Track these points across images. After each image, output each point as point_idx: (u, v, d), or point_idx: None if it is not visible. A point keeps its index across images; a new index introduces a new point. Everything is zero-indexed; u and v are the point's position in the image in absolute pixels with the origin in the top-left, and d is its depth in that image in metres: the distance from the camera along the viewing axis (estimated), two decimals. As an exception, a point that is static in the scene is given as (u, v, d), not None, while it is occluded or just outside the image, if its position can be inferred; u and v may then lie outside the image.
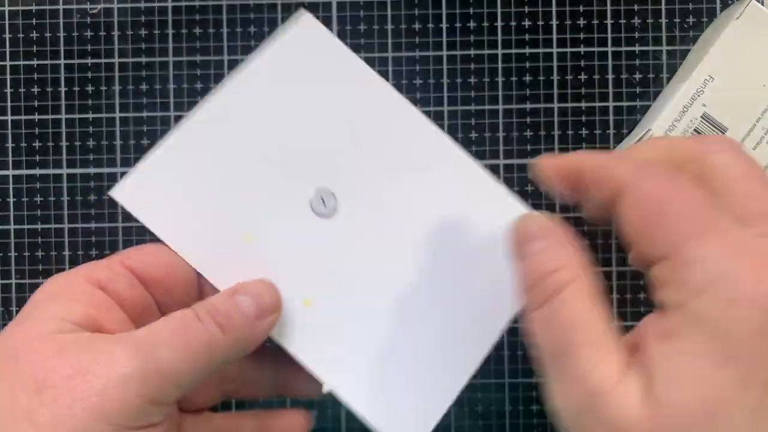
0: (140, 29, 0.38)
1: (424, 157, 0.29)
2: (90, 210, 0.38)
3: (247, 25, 0.38)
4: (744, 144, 0.33)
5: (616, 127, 0.37)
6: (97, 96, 0.38)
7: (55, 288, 0.27)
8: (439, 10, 0.37)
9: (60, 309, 0.26)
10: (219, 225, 0.29)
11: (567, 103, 0.37)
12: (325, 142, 0.29)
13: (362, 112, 0.29)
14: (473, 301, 0.29)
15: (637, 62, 0.37)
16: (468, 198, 0.29)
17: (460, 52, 0.38)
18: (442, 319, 0.29)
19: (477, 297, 0.29)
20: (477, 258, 0.29)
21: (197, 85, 0.38)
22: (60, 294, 0.27)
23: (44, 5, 0.38)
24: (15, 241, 0.38)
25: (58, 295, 0.27)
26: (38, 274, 0.38)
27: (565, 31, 0.37)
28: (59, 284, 0.27)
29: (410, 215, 0.29)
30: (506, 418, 0.37)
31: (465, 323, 0.29)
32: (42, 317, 0.25)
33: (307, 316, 0.29)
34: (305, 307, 0.29)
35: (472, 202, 0.29)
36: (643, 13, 0.37)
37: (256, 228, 0.29)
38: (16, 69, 0.38)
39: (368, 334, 0.29)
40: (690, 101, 0.33)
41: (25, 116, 0.38)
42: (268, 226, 0.29)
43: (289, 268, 0.29)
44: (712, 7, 0.37)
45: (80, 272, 0.27)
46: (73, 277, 0.27)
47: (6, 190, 0.38)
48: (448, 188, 0.29)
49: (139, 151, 0.38)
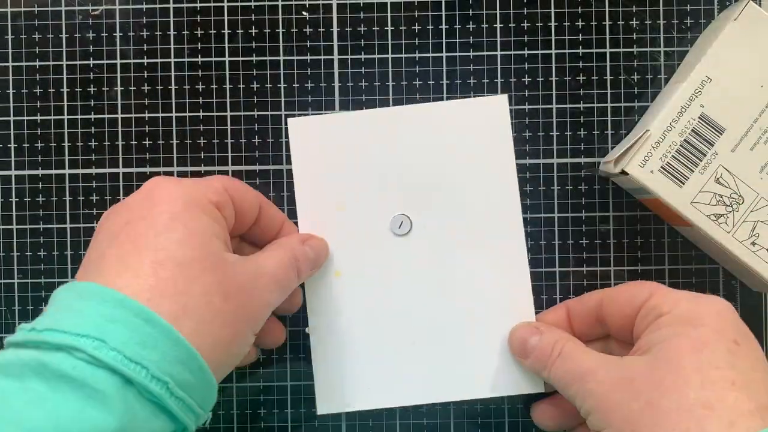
0: (142, 31, 0.38)
1: (492, 224, 0.36)
2: (92, 210, 0.38)
3: (248, 27, 0.38)
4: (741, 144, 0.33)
5: (614, 128, 0.38)
6: (99, 97, 0.38)
7: (190, 203, 0.29)
8: (439, 12, 0.38)
9: (215, 227, 0.29)
10: (324, 199, 0.37)
11: (565, 104, 0.38)
12: (412, 180, 0.37)
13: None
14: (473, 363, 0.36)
15: (635, 63, 0.38)
16: (500, 284, 0.36)
17: (459, 53, 0.38)
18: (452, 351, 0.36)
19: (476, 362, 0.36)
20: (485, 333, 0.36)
21: (198, 86, 0.38)
22: (202, 212, 0.29)
23: (46, 7, 0.38)
24: (17, 241, 0.38)
25: (201, 213, 0.29)
26: (40, 274, 0.38)
27: (564, 33, 0.38)
28: (190, 199, 0.29)
29: (456, 255, 0.36)
30: (505, 417, 0.37)
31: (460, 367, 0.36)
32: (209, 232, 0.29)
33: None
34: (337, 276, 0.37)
35: (502, 289, 0.36)
36: (641, 14, 0.38)
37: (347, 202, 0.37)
38: (19, 70, 0.38)
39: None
40: (688, 102, 0.33)
41: (27, 117, 0.38)
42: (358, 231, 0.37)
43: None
44: (710, 8, 0.37)
45: (202, 191, 0.30)
46: (199, 194, 0.30)
47: (8, 190, 0.38)
48: (492, 262, 0.36)
49: (141, 151, 0.38)
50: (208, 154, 0.38)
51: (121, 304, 0.25)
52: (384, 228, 0.36)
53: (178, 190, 0.29)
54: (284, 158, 0.38)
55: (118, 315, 0.24)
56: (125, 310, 0.25)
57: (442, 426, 0.38)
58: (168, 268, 0.26)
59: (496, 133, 0.36)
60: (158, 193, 0.29)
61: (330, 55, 0.38)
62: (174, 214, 0.28)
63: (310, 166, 0.37)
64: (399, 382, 0.36)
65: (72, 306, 0.25)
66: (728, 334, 0.27)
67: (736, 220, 0.33)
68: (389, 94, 0.38)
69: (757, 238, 0.33)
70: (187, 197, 0.29)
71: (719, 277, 0.38)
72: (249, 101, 0.38)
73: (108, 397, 0.23)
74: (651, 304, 0.30)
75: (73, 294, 0.26)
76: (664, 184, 0.33)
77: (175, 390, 0.25)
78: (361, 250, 0.36)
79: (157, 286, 0.26)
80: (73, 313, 0.25)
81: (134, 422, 0.24)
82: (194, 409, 0.26)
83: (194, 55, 0.38)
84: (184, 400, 0.25)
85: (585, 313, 0.33)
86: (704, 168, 0.33)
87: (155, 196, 0.28)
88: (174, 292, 0.26)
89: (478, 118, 0.36)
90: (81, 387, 0.23)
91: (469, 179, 0.36)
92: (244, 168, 0.38)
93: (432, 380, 0.36)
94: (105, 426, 0.23)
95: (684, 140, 0.33)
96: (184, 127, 0.38)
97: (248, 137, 0.38)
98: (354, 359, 0.36)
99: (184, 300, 0.26)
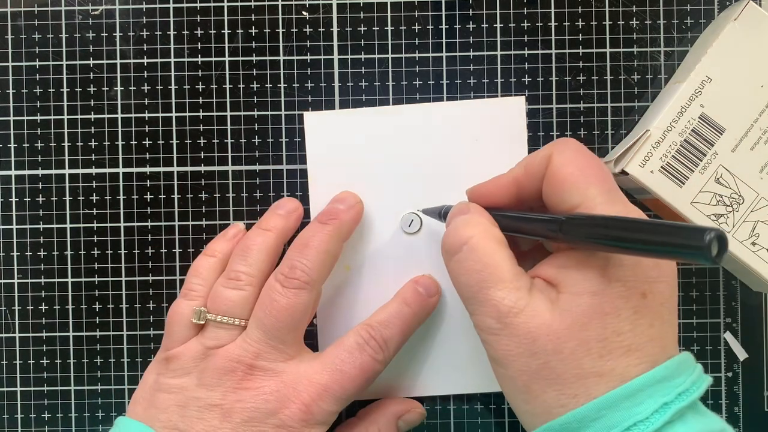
0: (142, 31, 0.38)
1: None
2: (92, 210, 0.38)
3: (248, 27, 0.38)
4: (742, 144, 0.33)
5: (615, 128, 0.38)
6: (99, 97, 0.38)
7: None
8: (439, 12, 0.38)
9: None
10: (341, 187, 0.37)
11: (565, 104, 0.38)
12: (425, 179, 0.37)
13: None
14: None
15: (635, 63, 0.38)
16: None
17: (459, 53, 0.38)
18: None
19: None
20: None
21: (198, 87, 0.38)
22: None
23: (46, 7, 0.38)
24: (17, 241, 0.38)
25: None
26: (40, 274, 0.38)
27: (564, 33, 0.38)
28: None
29: None
30: (505, 416, 0.37)
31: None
32: None
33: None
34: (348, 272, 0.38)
35: None
36: (641, 14, 0.38)
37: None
38: (19, 70, 0.38)
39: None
40: (688, 102, 0.33)
41: (27, 117, 0.38)
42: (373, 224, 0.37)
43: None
44: (710, 8, 0.37)
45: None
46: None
47: (8, 190, 0.38)
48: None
49: (141, 151, 0.38)
50: (208, 154, 0.38)
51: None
52: (394, 225, 0.37)
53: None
54: (284, 158, 0.38)
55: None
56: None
57: (442, 426, 0.38)
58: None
59: (511, 134, 0.37)
60: None
61: (330, 55, 0.38)
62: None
63: (324, 161, 0.37)
64: (404, 375, 0.37)
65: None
66: (638, 287, 0.26)
67: (736, 220, 0.33)
68: (389, 94, 0.38)
69: (757, 238, 0.33)
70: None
71: (719, 277, 0.38)
72: (249, 101, 0.38)
73: None
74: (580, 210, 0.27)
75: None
76: (664, 184, 0.33)
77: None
78: (371, 245, 0.37)
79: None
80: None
81: None
82: None
83: (194, 55, 0.38)
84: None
85: (532, 185, 0.30)
86: (704, 168, 0.33)
87: None
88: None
89: (494, 118, 0.37)
90: None
91: (482, 179, 0.36)
92: (244, 168, 0.38)
93: (438, 374, 0.36)
94: None
95: (684, 140, 0.33)
96: (184, 127, 0.38)
97: (248, 137, 0.38)
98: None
99: None
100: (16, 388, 0.38)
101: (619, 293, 0.26)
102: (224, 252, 0.35)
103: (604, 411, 0.25)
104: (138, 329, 0.38)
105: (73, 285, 0.38)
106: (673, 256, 0.23)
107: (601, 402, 0.25)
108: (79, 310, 0.38)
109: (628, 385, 0.25)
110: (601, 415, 0.25)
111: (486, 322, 0.27)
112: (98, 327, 0.38)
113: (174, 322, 0.34)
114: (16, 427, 0.38)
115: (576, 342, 0.26)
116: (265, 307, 0.32)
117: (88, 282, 0.38)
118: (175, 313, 0.34)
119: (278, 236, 0.35)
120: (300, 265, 0.32)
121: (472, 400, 0.38)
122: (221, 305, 0.33)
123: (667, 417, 0.24)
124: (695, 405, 0.26)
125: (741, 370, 0.38)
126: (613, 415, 0.25)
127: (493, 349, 0.27)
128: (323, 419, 0.32)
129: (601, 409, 0.25)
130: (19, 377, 0.38)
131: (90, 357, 0.38)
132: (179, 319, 0.34)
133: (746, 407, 0.38)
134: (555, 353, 0.26)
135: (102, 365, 0.38)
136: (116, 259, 0.38)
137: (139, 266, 0.38)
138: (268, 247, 0.34)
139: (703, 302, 0.38)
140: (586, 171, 0.27)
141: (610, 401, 0.25)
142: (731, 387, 0.38)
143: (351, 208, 0.35)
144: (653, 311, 0.26)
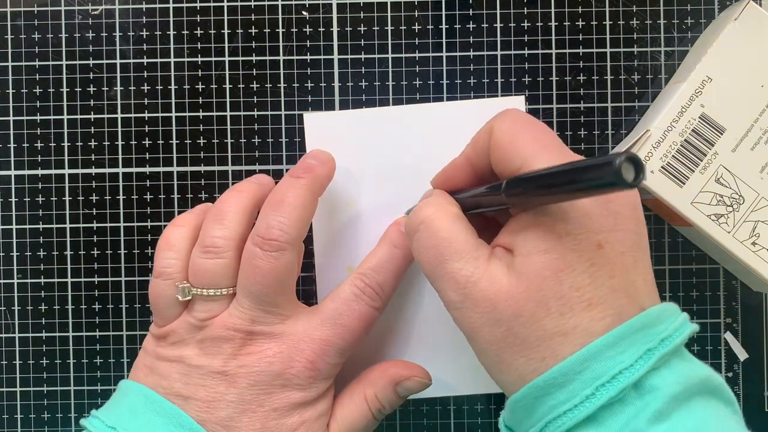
0: (142, 31, 0.38)
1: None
2: (92, 210, 0.38)
3: (248, 27, 0.38)
4: (742, 144, 0.33)
5: (615, 128, 0.38)
6: (99, 97, 0.38)
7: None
8: (439, 12, 0.38)
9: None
10: (336, 194, 0.37)
11: (566, 104, 0.38)
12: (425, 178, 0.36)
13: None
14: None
15: (635, 63, 0.38)
16: None
17: (459, 53, 0.38)
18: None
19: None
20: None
21: (198, 87, 0.38)
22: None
23: (46, 7, 0.38)
24: (17, 241, 0.38)
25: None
26: (40, 274, 0.38)
27: (564, 33, 0.38)
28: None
29: None
30: (505, 418, 0.37)
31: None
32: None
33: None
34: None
35: None
36: (641, 14, 0.37)
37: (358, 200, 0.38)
38: (19, 70, 0.38)
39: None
40: (688, 102, 0.33)
41: (27, 117, 0.38)
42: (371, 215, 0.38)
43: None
44: (710, 8, 0.37)
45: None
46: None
47: (8, 190, 0.38)
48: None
49: (141, 151, 0.38)
50: (208, 154, 0.38)
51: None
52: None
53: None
54: (284, 158, 0.38)
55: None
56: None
57: (442, 426, 0.38)
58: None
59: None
60: None
61: (330, 55, 0.38)
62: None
63: None
64: None
65: None
66: (591, 239, 0.25)
67: (736, 220, 0.33)
68: (389, 94, 0.38)
69: (757, 238, 0.33)
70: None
71: (719, 277, 0.38)
72: (249, 101, 0.38)
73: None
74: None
75: None
76: (664, 184, 0.33)
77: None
78: (371, 245, 0.37)
79: None
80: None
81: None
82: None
83: (194, 55, 0.38)
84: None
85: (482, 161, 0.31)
86: (705, 168, 0.33)
87: None
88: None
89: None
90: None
91: None
92: (244, 168, 0.38)
93: (437, 375, 0.36)
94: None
95: (684, 140, 0.33)
96: (184, 127, 0.38)
97: (248, 137, 0.38)
98: (361, 352, 0.36)
99: None
100: (16, 388, 0.38)
101: (570, 247, 0.25)
102: (194, 222, 0.34)
103: (589, 362, 0.24)
104: (138, 329, 0.38)
105: (72, 285, 0.38)
106: (596, 190, 0.23)
107: (583, 355, 0.25)
108: (78, 310, 0.38)
109: (606, 336, 0.25)
110: (585, 367, 0.25)
111: (449, 296, 0.27)
112: (98, 327, 0.38)
113: (159, 304, 0.32)
114: (16, 427, 0.38)
115: (534, 303, 0.25)
116: (249, 275, 0.31)
117: (88, 282, 0.38)
118: (157, 296, 0.32)
119: (253, 197, 0.34)
120: (277, 224, 0.31)
121: (472, 400, 0.38)
122: (204, 278, 0.32)
123: (652, 363, 0.24)
124: (681, 352, 0.26)
125: (741, 370, 0.38)
126: (597, 365, 0.24)
127: (461, 324, 0.28)
128: (329, 373, 0.32)
129: (586, 360, 0.25)
130: (19, 377, 0.38)
131: (90, 357, 0.38)
132: (164, 301, 0.32)
133: (746, 407, 0.38)
134: (516, 318, 0.26)
135: (102, 365, 0.38)
136: (116, 259, 0.38)
137: (139, 266, 0.38)
138: (244, 207, 0.33)
139: (703, 302, 0.38)
140: (522, 134, 0.27)
141: (591, 353, 0.25)
142: (731, 387, 0.38)
143: (324, 163, 0.34)
144: (612, 261, 0.25)
